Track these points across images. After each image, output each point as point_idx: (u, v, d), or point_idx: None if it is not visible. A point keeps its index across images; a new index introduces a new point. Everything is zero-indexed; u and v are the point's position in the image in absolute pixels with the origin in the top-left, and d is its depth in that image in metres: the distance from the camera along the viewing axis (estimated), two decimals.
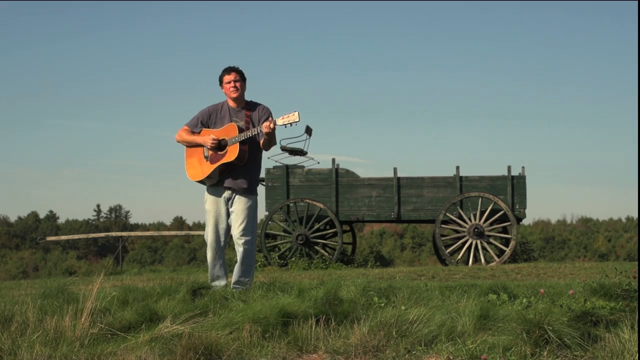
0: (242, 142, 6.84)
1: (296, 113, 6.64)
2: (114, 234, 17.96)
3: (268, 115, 7.01)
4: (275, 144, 7.03)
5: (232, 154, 6.86)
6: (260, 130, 6.78)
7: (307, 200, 14.08)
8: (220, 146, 6.92)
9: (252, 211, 6.96)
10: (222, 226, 7.02)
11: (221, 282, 6.99)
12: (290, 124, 6.70)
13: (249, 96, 7.17)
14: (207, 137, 6.93)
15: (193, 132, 7.08)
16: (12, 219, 68.70)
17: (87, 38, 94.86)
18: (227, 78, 7.04)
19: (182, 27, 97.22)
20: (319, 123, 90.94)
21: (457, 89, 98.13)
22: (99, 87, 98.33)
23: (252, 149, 6.95)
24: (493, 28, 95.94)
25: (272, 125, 6.71)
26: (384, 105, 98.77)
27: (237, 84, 7.02)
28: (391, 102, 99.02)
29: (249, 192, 6.96)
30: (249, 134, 6.82)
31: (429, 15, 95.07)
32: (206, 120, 7.08)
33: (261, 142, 6.91)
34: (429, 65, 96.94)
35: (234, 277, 6.95)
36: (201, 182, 7.06)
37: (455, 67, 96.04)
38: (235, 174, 6.93)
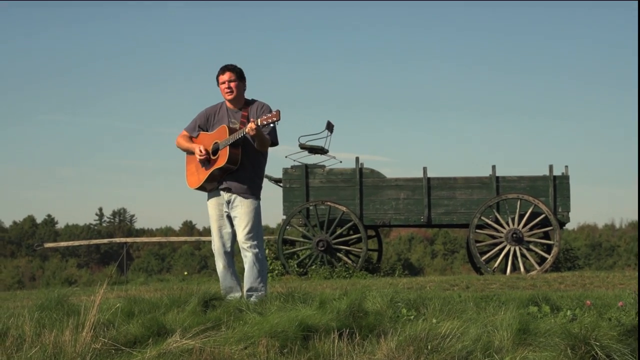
0: (233, 145, 6.89)
1: (277, 112, 6.73)
2: (117, 239, 18.09)
3: (266, 112, 7.01)
4: (269, 144, 7.02)
5: (222, 158, 6.93)
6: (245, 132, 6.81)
7: (329, 203, 14.08)
8: (213, 152, 7.00)
9: (255, 214, 6.99)
10: (226, 230, 7.08)
11: (236, 294, 7.00)
12: (273, 123, 6.76)
13: (258, 93, 7.20)
14: (197, 147, 7.00)
15: (191, 137, 7.19)
16: (7, 223, 69.27)
17: (86, 33, 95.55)
18: (221, 78, 7.07)
19: (187, 20, 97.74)
20: (342, 118, 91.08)
21: (494, 82, 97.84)
22: (100, 79, 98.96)
23: (247, 151, 6.98)
24: (535, 23, 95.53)
25: (253, 127, 6.72)
26: (412, 100, 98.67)
27: (232, 85, 7.03)
28: (420, 95, 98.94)
29: (248, 195, 6.99)
30: (236, 136, 6.85)
31: (464, 8, 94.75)
32: (204, 123, 7.17)
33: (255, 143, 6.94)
34: (462, 58, 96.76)
35: (246, 285, 6.98)
36: (201, 189, 7.13)
37: (492, 60, 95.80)
38: (231, 178, 6.99)
